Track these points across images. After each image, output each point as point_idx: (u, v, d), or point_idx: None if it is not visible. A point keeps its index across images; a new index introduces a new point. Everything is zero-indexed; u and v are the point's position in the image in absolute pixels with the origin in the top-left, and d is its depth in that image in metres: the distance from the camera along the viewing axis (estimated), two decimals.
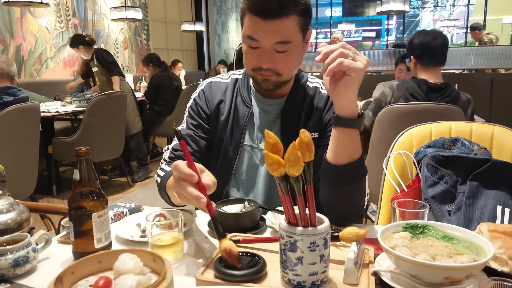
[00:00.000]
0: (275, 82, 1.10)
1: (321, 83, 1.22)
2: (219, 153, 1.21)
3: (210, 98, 1.23)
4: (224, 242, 0.77)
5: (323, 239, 0.68)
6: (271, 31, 1.01)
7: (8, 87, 2.61)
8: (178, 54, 8.96)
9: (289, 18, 1.00)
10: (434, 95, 2.26)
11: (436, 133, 1.40)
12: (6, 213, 1.01)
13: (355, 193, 1.04)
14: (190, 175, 0.80)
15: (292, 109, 1.18)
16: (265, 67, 1.06)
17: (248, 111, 1.20)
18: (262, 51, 1.04)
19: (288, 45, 1.03)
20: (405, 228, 0.80)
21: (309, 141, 0.63)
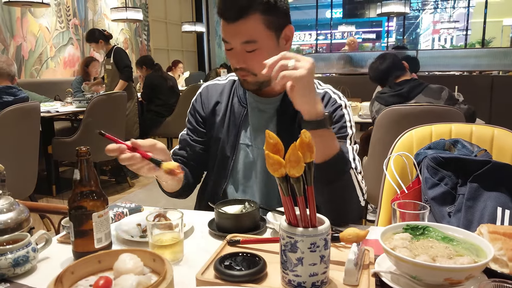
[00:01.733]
0: (253, 82, 1.13)
1: (317, 83, 1.23)
2: (217, 152, 1.24)
3: (206, 101, 1.27)
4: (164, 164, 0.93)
5: (324, 240, 0.68)
6: (235, 33, 1.06)
7: (9, 87, 2.61)
8: (178, 54, 8.97)
9: (250, 18, 1.04)
10: (399, 86, 2.49)
11: (436, 135, 1.40)
12: (6, 212, 1.00)
13: (344, 189, 1.04)
14: (113, 149, 0.93)
15: (288, 107, 1.18)
16: (238, 66, 1.11)
17: (243, 110, 1.23)
18: (235, 52, 1.09)
19: (254, 44, 1.06)
20: (405, 229, 0.80)
21: (310, 141, 0.63)
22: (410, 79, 2.52)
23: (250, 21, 1.04)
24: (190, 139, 1.28)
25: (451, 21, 18.05)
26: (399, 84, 2.51)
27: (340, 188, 1.03)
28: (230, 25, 1.05)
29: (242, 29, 1.05)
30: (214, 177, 1.26)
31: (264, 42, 1.07)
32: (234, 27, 1.05)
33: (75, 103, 4.11)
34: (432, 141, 1.36)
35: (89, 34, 4.58)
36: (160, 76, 4.96)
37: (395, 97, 2.46)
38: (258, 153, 1.21)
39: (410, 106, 2.21)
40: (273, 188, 1.20)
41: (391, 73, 2.60)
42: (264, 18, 1.05)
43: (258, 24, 1.05)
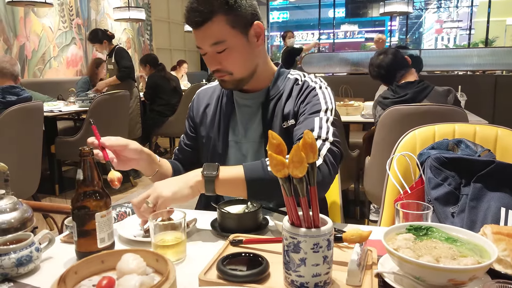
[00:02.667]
0: (231, 81, 1.17)
1: (301, 75, 1.26)
2: (209, 151, 1.29)
3: (197, 106, 1.34)
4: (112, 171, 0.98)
5: (327, 240, 0.68)
6: (203, 37, 1.11)
7: (12, 87, 2.62)
8: (181, 54, 8.98)
9: (214, 21, 1.08)
10: (403, 90, 2.39)
11: (440, 135, 1.39)
12: (9, 212, 1.01)
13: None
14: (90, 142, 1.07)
15: (272, 100, 1.23)
16: (213, 69, 1.15)
17: (231, 108, 1.27)
18: (208, 55, 1.14)
19: (223, 44, 1.10)
20: (408, 229, 0.79)
21: (313, 142, 0.62)
22: (414, 81, 2.43)
23: (214, 23, 1.08)
24: (182, 142, 1.38)
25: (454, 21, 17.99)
26: (402, 88, 2.42)
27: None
28: (198, 31, 1.10)
29: (208, 32, 1.09)
30: None
31: (232, 41, 1.10)
32: (201, 32, 1.09)
33: (78, 102, 4.12)
34: (435, 141, 1.36)
35: (93, 35, 4.58)
36: (163, 76, 4.96)
37: (398, 103, 2.35)
38: (247, 148, 1.25)
39: (413, 106, 2.20)
40: None
41: (395, 71, 2.51)
42: (227, 18, 1.08)
43: (223, 25, 1.08)
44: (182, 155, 1.37)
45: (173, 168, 1.28)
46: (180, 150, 1.38)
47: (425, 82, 2.41)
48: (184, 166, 1.34)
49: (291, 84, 1.23)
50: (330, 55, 6.37)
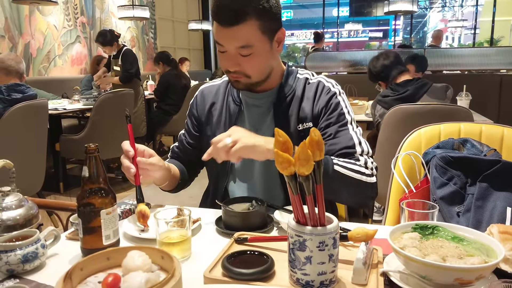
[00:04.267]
0: (245, 83, 1.14)
1: (310, 74, 1.25)
2: None
3: (201, 104, 1.31)
4: (141, 205, 0.99)
5: (332, 238, 0.68)
6: (230, 37, 1.06)
7: (17, 85, 2.62)
8: (185, 53, 8.98)
9: (247, 24, 1.04)
10: (402, 88, 2.40)
11: (445, 134, 1.38)
12: (15, 209, 1.01)
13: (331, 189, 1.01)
14: (127, 150, 1.03)
15: (284, 100, 1.21)
16: (232, 70, 1.11)
17: (237, 108, 1.25)
18: (228, 55, 1.10)
19: (250, 48, 1.07)
20: (414, 228, 0.79)
21: (319, 139, 0.62)
22: (412, 79, 2.44)
23: (247, 26, 1.04)
24: (184, 141, 1.34)
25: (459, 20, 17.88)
26: (401, 86, 2.42)
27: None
28: (226, 30, 1.05)
29: (238, 34, 1.05)
30: (215, 175, 1.28)
31: (259, 47, 1.08)
32: (230, 32, 1.05)
33: (82, 100, 4.13)
34: (440, 140, 1.35)
35: (103, 38, 4.50)
36: (176, 74, 4.96)
37: (400, 100, 2.38)
38: None
39: (417, 105, 2.19)
40: (273, 184, 1.21)
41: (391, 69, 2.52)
42: (260, 23, 1.06)
43: (254, 30, 1.06)
44: (183, 154, 1.35)
45: (180, 171, 1.27)
46: (181, 149, 1.35)
47: (423, 80, 2.44)
48: (186, 166, 1.33)
49: (302, 84, 1.22)
50: (334, 54, 6.35)
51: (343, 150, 1.12)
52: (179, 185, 1.29)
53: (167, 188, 1.26)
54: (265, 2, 1.05)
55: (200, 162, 1.34)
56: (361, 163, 1.12)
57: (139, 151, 1.05)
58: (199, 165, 1.37)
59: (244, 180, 1.23)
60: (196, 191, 1.51)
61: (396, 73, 2.50)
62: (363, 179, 1.09)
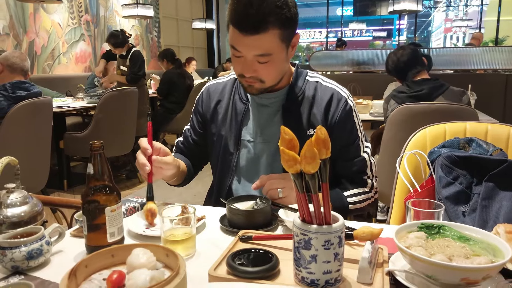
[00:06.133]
0: (259, 88, 1.14)
1: (321, 78, 1.25)
2: (220, 149, 1.26)
3: (207, 101, 1.30)
4: (150, 203, 1.00)
5: (338, 237, 0.68)
6: (250, 46, 1.05)
7: (22, 82, 2.62)
8: (188, 51, 8.99)
9: (268, 33, 1.02)
10: (418, 86, 2.38)
11: (451, 133, 1.38)
12: (19, 206, 1.01)
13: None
14: (145, 148, 1.03)
15: (293, 102, 1.20)
16: (247, 75, 1.10)
17: (244, 107, 1.24)
18: (245, 60, 1.08)
19: (269, 56, 1.06)
20: (420, 228, 0.79)
21: (326, 138, 0.62)
22: (429, 79, 2.42)
23: (268, 36, 1.02)
24: (189, 137, 1.35)
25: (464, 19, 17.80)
26: (418, 84, 2.40)
27: None
28: (246, 37, 1.03)
29: (258, 42, 1.03)
30: (219, 173, 1.28)
31: (277, 54, 1.07)
32: (250, 40, 1.03)
33: (86, 98, 4.14)
34: (446, 139, 1.34)
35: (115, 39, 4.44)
36: (179, 73, 4.94)
37: (414, 98, 2.36)
38: (262, 148, 1.23)
39: (423, 104, 2.18)
40: None
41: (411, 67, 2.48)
42: (280, 32, 1.04)
43: (275, 39, 1.04)
44: (188, 150, 1.35)
45: (187, 166, 1.28)
46: (185, 145, 1.36)
47: (441, 81, 2.41)
48: (190, 161, 1.33)
49: (312, 88, 1.21)
50: (338, 53, 6.34)
51: (356, 175, 1.22)
52: (185, 180, 1.31)
53: (174, 183, 1.27)
54: (287, 11, 1.03)
55: (204, 158, 1.36)
56: (369, 187, 1.22)
57: (155, 148, 1.06)
58: (203, 161, 1.38)
59: (248, 179, 1.23)
60: (200, 189, 1.52)
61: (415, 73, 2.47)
62: (369, 202, 1.22)
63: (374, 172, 1.25)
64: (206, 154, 1.34)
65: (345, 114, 1.18)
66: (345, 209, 1.17)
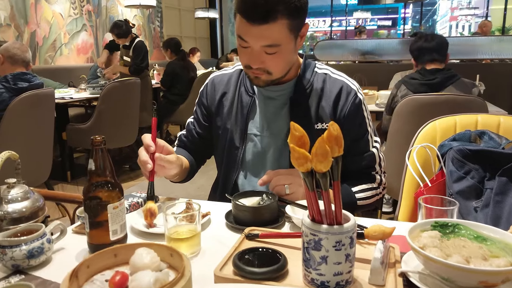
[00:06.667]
0: (266, 80, 1.10)
1: (330, 69, 1.21)
2: (225, 143, 1.23)
3: (212, 93, 1.26)
4: (150, 203, 0.96)
5: (349, 237, 0.65)
6: (257, 36, 1.01)
7: (23, 73, 2.59)
8: (191, 41, 8.91)
9: (277, 23, 0.99)
10: (431, 75, 2.38)
11: (461, 126, 1.34)
12: (20, 201, 0.99)
13: None
14: (148, 144, 1.00)
15: (301, 95, 1.17)
16: (254, 66, 1.06)
17: (250, 100, 1.20)
18: (252, 51, 1.04)
19: (277, 47, 1.03)
20: (433, 226, 0.75)
21: (338, 134, 0.59)
22: (442, 69, 2.42)
23: (277, 25, 0.99)
24: (193, 130, 1.31)
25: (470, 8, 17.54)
26: (431, 72, 2.40)
27: None
28: (254, 27, 0.99)
29: (266, 33, 0.99)
30: (224, 168, 1.25)
31: (286, 45, 1.04)
32: (258, 30, 0.99)
33: (89, 89, 4.11)
34: (456, 132, 1.31)
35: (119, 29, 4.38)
36: (183, 66, 4.87)
37: (426, 86, 2.37)
38: (268, 142, 1.19)
39: (431, 95, 2.13)
40: None
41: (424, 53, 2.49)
42: (289, 22, 1.00)
43: (284, 29, 1.00)
44: (191, 144, 1.31)
45: (189, 163, 1.25)
46: (189, 138, 1.32)
47: (453, 71, 2.41)
48: (193, 155, 1.30)
49: (321, 80, 1.18)
50: (342, 42, 6.26)
51: (364, 170, 1.19)
52: (188, 176, 1.27)
53: (176, 181, 1.24)
54: (297, 0, 0.99)
55: (208, 152, 1.33)
56: (377, 182, 1.20)
57: (158, 146, 1.03)
58: (207, 155, 1.35)
59: (254, 174, 1.20)
60: (204, 182, 1.49)
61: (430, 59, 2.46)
62: (377, 198, 1.20)
63: (383, 168, 1.22)
64: (210, 147, 1.31)
65: (355, 108, 1.14)
66: (353, 205, 1.14)
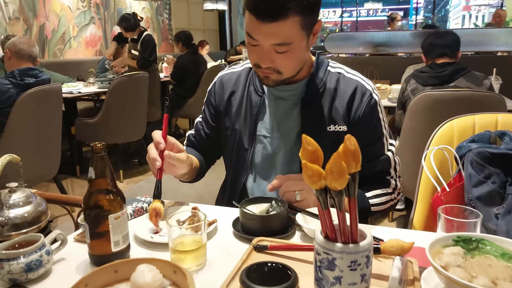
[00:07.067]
0: (276, 80, 1.05)
1: (344, 68, 1.15)
2: (234, 144, 1.18)
3: (220, 92, 1.22)
4: (156, 202, 0.93)
5: (366, 257, 0.60)
6: (267, 34, 0.95)
7: (30, 69, 2.56)
8: (200, 34, 8.84)
9: (288, 20, 0.92)
10: (441, 68, 2.35)
11: (480, 126, 1.28)
12: (22, 206, 0.97)
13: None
14: (158, 142, 0.97)
15: (313, 95, 1.11)
16: (264, 66, 1.01)
17: (260, 99, 1.15)
18: (261, 50, 0.99)
19: (288, 46, 0.97)
20: (456, 241, 0.70)
21: (355, 149, 0.53)
22: (452, 62, 2.37)
23: (288, 23, 0.92)
24: (201, 130, 1.27)
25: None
26: (440, 66, 2.36)
27: None
28: (264, 25, 0.93)
29: (277, 31, 0.93)
30: (233, 170, 1.20)
31: (297, 44, 0.97)
32: (268, 28, 0.93)
33: (97, 83, 4.08)
34: (475, 132, 1.25)
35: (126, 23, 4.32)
36: (193, 60, 4.81)
37: (435, 78, 2.33)
38: (278, 144, 1.14)
39: (446, 91, 2.06)
40: None
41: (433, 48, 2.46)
42: (301, 19, 0.94)
43: (295, 26, 0.94)
44: (200, 144, 1.27)
45: (199, 162, 1.21)
46: (197, 138, 1.27)
47: (463, 64, 2.37)
48: (203, 155, 1.26)
49: (334, 79, 1.11)
50: (353, 34, 6.14)
51: (379, 175, 1.14)
52: (198, 176, 1.24)
53: (186, 180, 1.20)
54: None
55: (217, 152, 1.29)
56: (392, 187, 1.15)
57: (168, 143, 0.99)
58: (216, 155, 1.31)
59: (264, 177, 1.15)
60: (212, 179, 1.44)
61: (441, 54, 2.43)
62: (392, 203, 1.16)
63: (398, 172, 1.17)
64: (219, 148, 1.26)
65: (370, 109, 1.08)
66: (367, 211, 1.08)
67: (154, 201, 0.94)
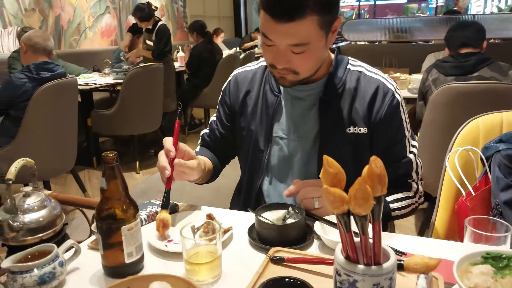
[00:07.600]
0: (292, 80, 1.00)
1: (365, 66, 1.09)
2: (250, 145, 1.15)
3: (235, 92, 1.18)
4: (163, 212, 0.92)
5: (389, 279, 0.57)
6: (284, 34, 0.91)
7: (45, 63, 2.57)
8: (215, 21, 8.77)
9: (306, 19, 0.87)
10: (464, 58, 2.28)
11: (508, 124, 1.21)
12: (37, 210, 0.96)
13: None
14: (168, 150, 0.95)
15: (332, 95, 1.06)
16: (280, 67, 0.97)
17: (276, 99, 1.11)
18: (277, 50, 0.94)
19: (305, 46, 0.92)
20: (484, 258, 0.66)
21: (381, 172, 0.50)
22: (477, 52, 2.29)
23: (305, 23, 0.88)
24: (216, 130, 1.24)
25: None
26: (464, 56, 2.28)
27: None
28: (279, 25, 0.88)
29: (293, 31, 0.89)
30: (248, 172, 1.17)
31: (315, 44, 0.92)
32: (284, 28, 0.89)
33: (112, 74, 4.09)
34: (503, 131, 1.19)
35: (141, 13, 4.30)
36: (209, 49, 4.78)
37: (458, 68, 2.25)
38: (295, 146, 1.10)
39: (469, 84, 1.98)
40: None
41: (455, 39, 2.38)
42: (319, 19, 0.89)
43: (313, 26, 0.89)
44: (214, 144, 1.24)
45: (213, 164, 1.19)
46: (212, 138, 1.24)
47: (487, 55, 2.29)
48: (216, 155, 1.23)
49: (355, 78, 1.06)
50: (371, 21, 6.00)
51: (400, 178, 1.10)
52: (211, 178, 1.21)
53: (199, 183, 1.17)
54: None
55: (231, 152, 1.26)
56: (413, 191, 1.11)
57: (180, 150, 0.97)
58: (231, 155, 1.28)
59: (280, 180, 1.12)
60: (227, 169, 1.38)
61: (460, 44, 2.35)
62: (413, 207, 1.12)
63: (420, 175, 1.12)
64: (234, 148, 1.23)
65: (392, 110, 1.03)
66: (387, 216, 1.04)
67: (161, 211, 0.93)
